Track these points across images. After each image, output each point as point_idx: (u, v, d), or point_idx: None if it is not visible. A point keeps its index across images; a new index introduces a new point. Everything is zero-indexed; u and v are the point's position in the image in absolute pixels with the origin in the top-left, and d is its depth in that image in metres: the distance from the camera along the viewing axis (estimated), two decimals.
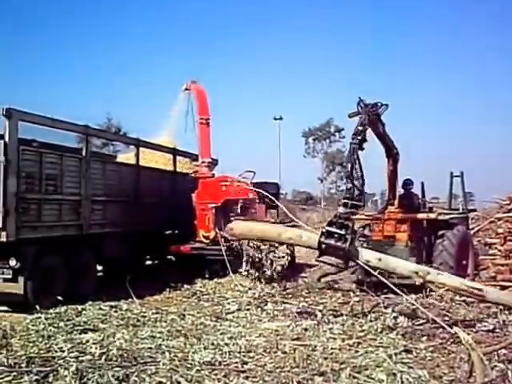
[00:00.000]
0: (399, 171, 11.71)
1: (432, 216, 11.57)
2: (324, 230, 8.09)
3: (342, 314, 8.55)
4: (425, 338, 7.07)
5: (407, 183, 12.31)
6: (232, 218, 11.83)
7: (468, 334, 6.98)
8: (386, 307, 9.04)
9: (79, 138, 12.09)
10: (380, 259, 7.91)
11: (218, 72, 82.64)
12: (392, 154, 11.26)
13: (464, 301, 9.24)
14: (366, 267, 7.99)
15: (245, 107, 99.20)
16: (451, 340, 6.89)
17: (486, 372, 5.47)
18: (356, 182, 8.23)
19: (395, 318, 8.29)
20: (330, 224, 8.19)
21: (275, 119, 49.49)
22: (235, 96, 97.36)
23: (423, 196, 12.51)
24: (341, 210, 8.19)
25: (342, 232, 7.86)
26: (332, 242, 7.94)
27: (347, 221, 8.07)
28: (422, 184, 12.61)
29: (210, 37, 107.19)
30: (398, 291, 8.19)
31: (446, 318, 8.24)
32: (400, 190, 12.09)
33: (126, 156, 14.49)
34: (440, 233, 11.47)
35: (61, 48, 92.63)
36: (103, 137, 18.81)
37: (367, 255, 7.92)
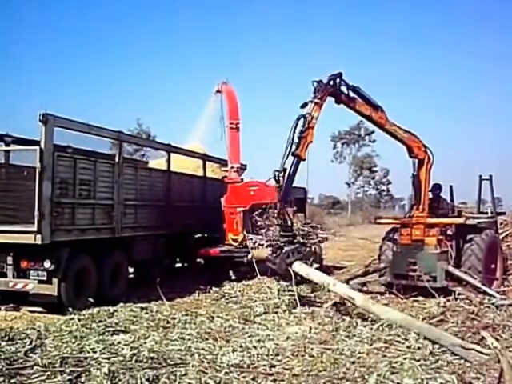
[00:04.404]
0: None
1: (460, 221, 11.53)
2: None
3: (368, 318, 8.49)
4: None
5: (436, 188, 12.30)
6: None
7: (496, 339, 6.97)
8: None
9: (111, 144, 12.31)
10: (308, 274, 9.61)
11: (244, 74, 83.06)
12: (413, 153, 11.36)
13: (493, 304, 9.16)
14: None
15: (273, 110, 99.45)
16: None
17: None
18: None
19: (423, 319, 8.28)
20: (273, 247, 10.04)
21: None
22: (263, 98, 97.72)
23: (451, 200, 12.49)
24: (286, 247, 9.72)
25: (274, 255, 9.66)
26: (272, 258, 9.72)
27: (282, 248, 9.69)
28: (451, 188, 12.59)
29: (235, 39, 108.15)
30: None
31: (475, 322, 8.18)
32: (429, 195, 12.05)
33: (158, 162, 14.73)
34: (468, 237, 11.40)
35: (88, 55, 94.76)
36: (135, 143, 19.12)
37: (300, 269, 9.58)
